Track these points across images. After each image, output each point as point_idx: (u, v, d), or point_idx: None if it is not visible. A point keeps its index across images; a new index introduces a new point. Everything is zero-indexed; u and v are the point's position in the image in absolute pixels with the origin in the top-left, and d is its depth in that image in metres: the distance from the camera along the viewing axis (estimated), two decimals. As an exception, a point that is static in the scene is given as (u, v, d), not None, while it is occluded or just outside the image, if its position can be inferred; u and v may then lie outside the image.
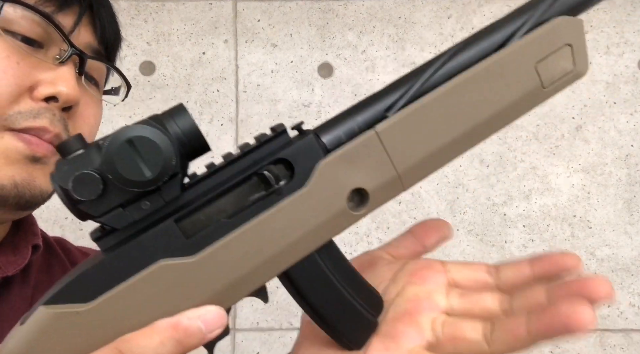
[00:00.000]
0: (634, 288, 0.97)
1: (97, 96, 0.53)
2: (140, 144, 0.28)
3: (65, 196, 0.28)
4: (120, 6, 0.99)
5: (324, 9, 0.99)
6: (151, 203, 0.30)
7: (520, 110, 0.34)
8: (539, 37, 0.33)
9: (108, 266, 0.30)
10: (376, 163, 0.32)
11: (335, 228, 0.32)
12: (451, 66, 0.34)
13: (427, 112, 0.33)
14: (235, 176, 0.32)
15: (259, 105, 0.99)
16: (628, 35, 0.99)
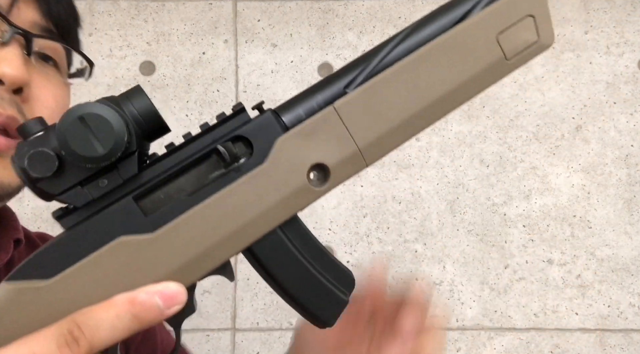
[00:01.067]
0: (634, 288, 0.97)
1: (56, 77, 0.50)
2: (92, 121, 0.29)
3: (23, 174, 0.29)
4: (120, 6, 0.99)
5: (324, 9, 0.99)
6: (109, 181, 0.31)
7: (483, 83, 0.34)
8: (498, 8, 0.33)
9: (68, 243, 0.30)
10: (336, 138, 0.33)
11: (297, 204, 0.33)
12: (410, 43, 0.34)
13: (385, 87, 0.33)
14: (194, 154, 0.32)
15: (259, 105, 0.99)
16: (628, 35, 0.99)
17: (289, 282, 0.34)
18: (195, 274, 0.32)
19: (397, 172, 0.98)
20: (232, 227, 0.32)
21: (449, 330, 0.97)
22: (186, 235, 0.31)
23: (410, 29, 0.34)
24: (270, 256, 0.33)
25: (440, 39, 0.33)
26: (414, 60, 0.33)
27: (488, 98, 0.98)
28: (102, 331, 0.28)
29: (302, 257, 0.34)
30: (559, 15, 0.99)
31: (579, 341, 0.97)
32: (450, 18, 0.34)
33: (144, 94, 0.31)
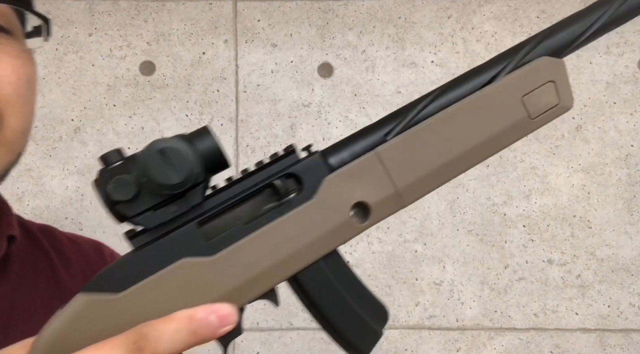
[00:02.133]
0: (634, 288, 0.97)
1: (11, 46, 0.45)
2: (170, 153, 0.33)
3: (105, 197, 0.33)
4: (120, 6, 0.99)
5: (324, 9, 0.99)
6: (178, 207, 0.34)
7: (510, 138, 0.39)
8: (523, 74, 0.38)
9: (138, 262, 0.34)
10: (377, 180, 0.37)
11: (339, 238, 0.36)
12: (442, 101, 0.38)
13: (421, 137, 0.37)
14: (251, 187, 0.36)
15: (259, 105, 0.99)
16: (628, 35, 0.99)
17: (328, 310, 0.37)
18: (246, 297, 0.35)
19: (397, 172, 0.98)
20: (281, 256, 0.35)
21: (449, 330, 0.98)
22: (241, 260, 0.35)
23: (444, 88, 0.39)
24: (313, 284, 0.36)
25: (471, 97, 0.38)
26: (447, 115, 0.38)
27: (488, 98, 0.99)
28: (163, 342, 0.30)
29: (340, 288, 0.37)
30: (559, 15, 0.99)
31: (579, 341, 0.97)
32: (479, 80, 0.39)
33: (210, 134, 0.35)
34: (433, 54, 0.99)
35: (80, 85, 0.97)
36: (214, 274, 0.34)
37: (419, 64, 0.99)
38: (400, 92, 0.99)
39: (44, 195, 0.96)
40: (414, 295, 0.98)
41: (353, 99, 0.98)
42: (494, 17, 0.99)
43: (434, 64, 0.99)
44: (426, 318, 0.97)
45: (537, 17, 0.99)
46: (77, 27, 0.98)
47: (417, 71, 0.99)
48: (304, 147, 0.38)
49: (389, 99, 0.98)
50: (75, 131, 0.97)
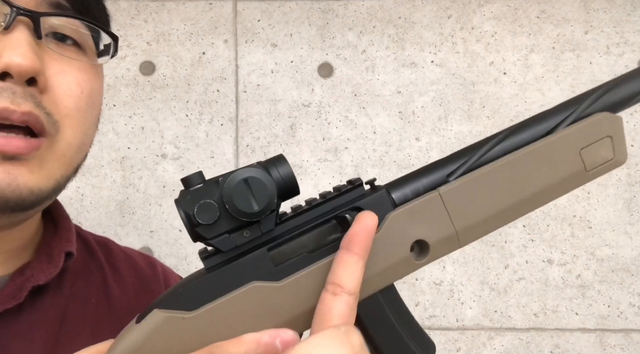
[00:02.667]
0: (634, 288, 0.97)
1: (80, 60, 0.45)
2: (253, 183, 0.34)
3: (187, 219, 0.35)
4: (120, 6, 0.99)
5: (324, 9, 0.99)
6: (251, 232, 0.36)
7: (564, 188, 0.40)
8: (584, 127, 0.39)
9: (211, 282, 0.35)
10: (438, 220, 0.38)
11: (397, 273, 0.37)
12: (505, 145, 0.39)
13: (483, 181, 0.38)
14: (318, 217, 0.38)
15: (259, 105, 0.99)
16: (628, 35, 0.99)
17: (381, 341, 0.38)
18: (308, 324, 0.36)
19: (397, 172, 0.98)
20: None
21: (449, 330, 0.98)
22: (305, 289, 0.36)
23: (508, 133, 0.40)
24: (369, 315, 0.37)
25: (533, 146, 0.39)
26: (509, 162, 0.39)
27: (488, 98, 0.99)
28: None
29: (394, 321, 0.38)
30: (559, 15, 0.99)
31: (579, 341, 0.97)
32: (542, 128, 0.40)
33: (287, 163, 0.36)
34: (433, 54, 0.99)
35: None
36: (280, 300, 0.35)
37: (419, 64, 0.99)
38: (400, 92, 0.99)
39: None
40: (414, 295, 0.98)
41: (353, 99, 0.98)
42: (494, 17, 0.99)
43: (434, 64, 0.99)
44: (426, 318, 0.97)
45: (537, 17, 0.99)
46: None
47: (417, 71, 0.99)
48: (368, 180, 0.39)
49: (389, 99, 0.98)
50: (75, 131, 0.97)
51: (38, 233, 0.52)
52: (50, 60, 0.42)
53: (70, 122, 0.44)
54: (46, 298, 0.48)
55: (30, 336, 0.46)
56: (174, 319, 0.34)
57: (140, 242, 0.97)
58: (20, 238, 0.49)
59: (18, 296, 0.45)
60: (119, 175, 0.97)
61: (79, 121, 0.45)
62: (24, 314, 0.46)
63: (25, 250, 0.50)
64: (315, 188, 0.98)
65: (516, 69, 0.99)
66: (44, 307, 0.48)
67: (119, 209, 0.97)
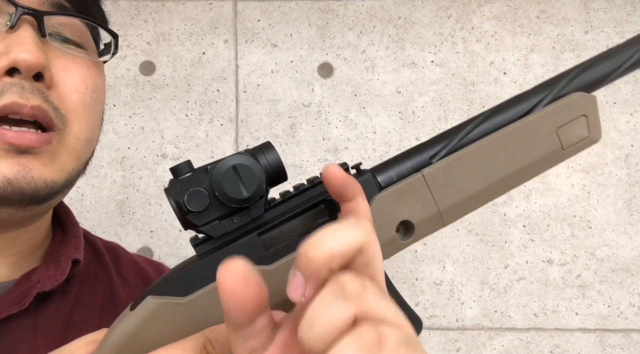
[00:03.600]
0: (634, 288, 0.97)
1: (83, 57, 0.47)
2: (242, 170, 0.35)
3: (178, 207, 0.35)
4: (120, 6, 0.99)
5: (324, 9, 0.99)
6: (241, 218, 0.37)
7: (543, 166, 0.41)
8: (560, 107, 0.41)
9: (203, 268, 0.36)
10: (422, 200, 0.39)
11: (384, 253, 0.37)
12: (484, 127, 0.41)
13: (464, 162, 0.40)
14: (306, 202, 0.38)
15: (259, 105, 0.99)
16: (628, 35, 0.99)
17: None
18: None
19: (397, 172, 0.98)
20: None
21: (449, 330, 0.97)
22: None
23: (487, 115, 0.41)
24: None
25: (511, 126, 0.40)
26: (489, 143, 0.40)
27: (488, 98, 0.99)
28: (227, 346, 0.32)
29: None
30: (559, 15, 0.99)
31: (579, 341, 0.97)
32: (520, 109, 0.41)
33: (274, 149, 0.37)
34: (433, 54, 0.99)
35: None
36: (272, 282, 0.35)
37: (419, 64, 0.99)
38: (400, 92, 0.99)
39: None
40: (414, 295, 0.97)
41: (353, 99, 0.98)
42: (494, 17, 0.99)
43: (434, 64, 0.99)
44: (426, 318, 0.97)
45: (537, 17, 0.99)
46: (77, 27, 0.98)
47: (417, 71, 0.99)
48: (354, 165, 0.41)
49: (389, 99, 0.98)
50: (75, 131, 0.97)
51: (47, 239, 0.52)
52: (55, 57, 0.44)
53: (77, 116, 0.45)
54: (51, 303, 0.48)
55: (35, 341, 0.46)
56: (168, 305, 0.35)
57: (140, 242, 0.97)
58: (30, 240, 0.49)
59: (23, 301, 0.45)
60: (119, 175, 0.97)
61: (85, 115, 0.46)
62: (28, 320, 0.46)
63: (33, 255, 0.50)
64: (315, 188, 0.98)
65: (516, 69, 0.99)
66: (49, 313, 0.48)
67: (119, 209, 0.97)
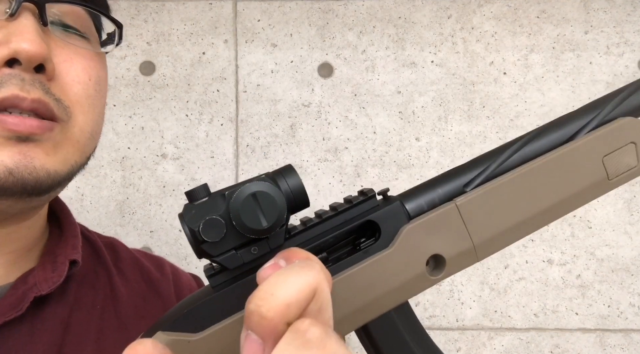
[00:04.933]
0: (634, 288, 0.97)
1: (85, 47, 0.45)
2: (262, 198, 0.32)
3: (192, 235, 0.32)
4: (120, 6, 0.99)
5: (324, 9, 0.99)
6: (259, 249, 0.34)
7: (586, 197, 0.38)
8: (607, 133, 0.37)
9: (217, 302, 0.33)
10: (454, 233, 0.35)
11: (412, 290, 0.35)
12: (524, 152, 0.37)
13: (502, 191, 0.36)
14: (329, 231, 0.35)
15: (259, 105, 0.99)
16: (628, 35, 0.99)
17: None
18: None
19: (397, 172, 0.98)
20: (356, 305, 0.34)
21: (449, 330, 0.98)
22: None
23: (527, 139, 0.38)
24: (383, 335, 0.35)
25: (554, 154, 0.37)
26: (529, 171, 0.36)
27: (488, 98, 0.99)
28: None
29: (409, 339, 0.36)
30: (559, 15, 0.99)
31: (579, 341, 0.97)
32: (563, 133, 0.38)
33: (296, 174, 0.34)
34: (433, 54, 0.99)
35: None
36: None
37: (419, 64, 0.99)
38: (400, 92, 0.99)
39: (44, 195, 0.96)
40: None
41: (353, 99, 0.98)
42: (494, 17, 0.99)
43: (434, 64, 0.99)
44: (426, 318, 0.97)
45: (537, 17, 0.99)
46: (77, 27, 0.98)
47: (417, 71, 0.99)
48: (380, 191, 0.37)
49: (389, 99, 0.98)
50: (75, 130, 0.97)
51: (43, 237, 0.51)
52: (57, 47, 0.42)
53: (81, 108, 0.44)
54: (49, 307, 0.47)
55: (33, 346, 0.45)
56: (179, 343, 0.32)
57: (140, 242, 0.97)
58: (26, 237, 0.48)
59: (19, 307, 0.44)
60: (119, 175, 0.97)
61: (89, 107, 0.45)
62: (25, 325, 0.45)
63: (29, 254, 0.49)
64: (315, 188, 0.98)
65: (516, 69, 0.99)
66: (47, 316, 0.47)
67: (119, 209, 0.97)
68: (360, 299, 0.34)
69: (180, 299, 0.57)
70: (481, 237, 0.36)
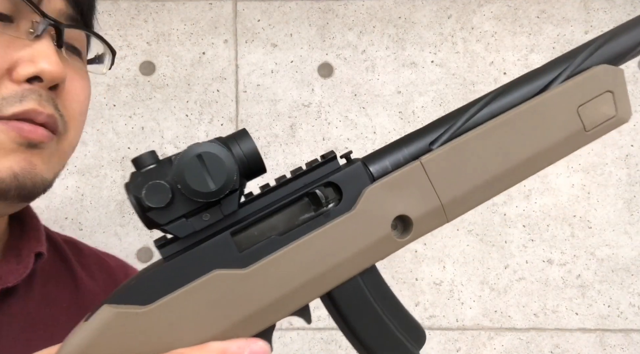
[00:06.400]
0: (634, 288, 0.97)
1: (82, 68, 0.49)
2: (208, 159, 0.30)
3: (137, 203, 0.31)
4: (120, 6, 0.99)
5: (324, 9, 0.99)
6: (211, 215, 0.32)
7: (562, 151, 0.36)
8: (581, 82, 0.35)
9: (167, 272, 0.32)
10: (420, 192, 0.34)
11: (379, 253, 0.34)
12: (494, 107, 0.35)
13: (470, 147, 0.34)
14: (288, 196, 0.34)
15: (259, 105, 0.99)
16: (628, 35, 0.99)
17: (363, 329, 0.34)
18: (279, 314, 0.33)
19: (397, 172, 0.98)
20: (317, 271, 0.33)
21: (449, 330, 0.98)
22: (275, 275, 0.32)
23: (495, 94, 0.36)
24: (348, 302, 0.34)
25: (524, 106, 0.35)
26: (498, 125, 0.35)
27: (488, 98, 0.99)
28: None
29: (378, 307, 0.34)
30: (559, 15, 0.99)
31: (579, 341, 0.97)
32: (533, 86, 0.36)
33: (250, 138, 0.33)
34: (433, 54, 0.99)
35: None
36: (246, 289, 0.32)
37: (419, 64, 0.99)
38: (400, 92, 0.99)
39: (44, 195, 0.96)
40: (414, 295, 0.98)
41: (353, 99, 0.98)
42: (494, 17, 0.99)
43: (434, 64, 0.99)
44: (426, 318, 0.97)
45: (537, 17, 0.99)
46: (77, 27, 0.98)
47: (417, 71, 0.99)
48: (344, 154, 0.36)
49: (389, 99, 0.98)
50: (75, 131, 0.97)
51: (5, 234, 0.51)
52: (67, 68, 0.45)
53: (75, 124, 0.47)
54: (14, 300, 0.47)
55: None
56: (127, 315, 0.30)
57: (140, 242, 0.97)
58: None
59: None
60: (119, 175, 0.97)
61: (81, 123, 0.48)
62: None
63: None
64: (315, 188, 0.98)
65: (516, 69, 0.99)
66: (13, 312, 0.47)
67: (119, 209, 0.97)
68: (322, 264, 0.33)
69: None
70: (449, 196, 0.34)
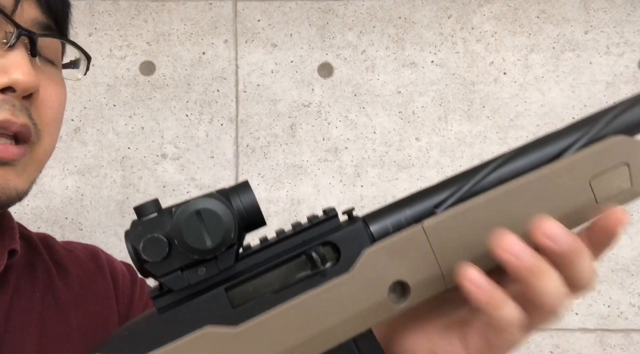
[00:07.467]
0: (634, 288, 0.97)
1: (56, 75, 0.49)
2: (207, 216, 0.30)
3: (134, 254, 0.31)
4: (120, 6, 0.99)
5: (324, 9, 0.99)
6: (207, 270, 0.32)
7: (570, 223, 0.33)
8: (595, 152, 0.33)
9: (160, 325, 0.32)
10: (420, 258, 0.33)
11: (374, 318, 0.33)
12: (503, 172, 0.34)
13: (475, 214, 0.33)
14: (285, 252, 0.33)
15: (259, 105, 0.99)
16: (628, 35, 0.99)
17: None
18: None
19: (397, 172, 0.98)
20: (310, 333, 0.32)
21: (449, 330, 0.97)
22: (267, 335, 0.32)
23: (506, 158, 0.34)
24: None
25: (535, 174, 0.33)
26: (507, 192, 0.33)
27: (488, 98, 0.99)
28: None
29: None
30: (559, 15, 0.99)
31: (579, 341, 0.97)
32: (545, 153, 0.34)
33: (251, 191, 0.32)
34: (433, 54, 0.99)
35: (80, 85, 0.97)
36: (237, 348, 0.31)
37: (419, 64, 0.99)
38: (400, 92, 0.99)
39: (43, 195, 0.96)
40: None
41: (353, 99, 0.98)
42: (494, 17, 0.99)
43: (434, 64, 0.99)
44: None
45: (537, 17, 0.99)
46: (77, 27, 0.98)
47: (417, 71, 0.99)
48: (345, 210, 0.35)
49: (388, 99, 0.98)
50: (75, 130, 0.97)
51: None
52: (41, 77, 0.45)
53: (49, 130, 0.47)
54: None
55: None
56: None
57: (140, 242, 0.97)
58: None
59: None
60: (119, 175, 0.97)
61: (55, 129, 0.49)
62: None
63: None
64: (315, 188, 0.98)
65: (516, 69, 0.99)
66: None
67: (119, 209, 0.97)
68: (315, 326, 0.32)
69: (117, 287, 0.59)
70: (450, 264, 0.32)
